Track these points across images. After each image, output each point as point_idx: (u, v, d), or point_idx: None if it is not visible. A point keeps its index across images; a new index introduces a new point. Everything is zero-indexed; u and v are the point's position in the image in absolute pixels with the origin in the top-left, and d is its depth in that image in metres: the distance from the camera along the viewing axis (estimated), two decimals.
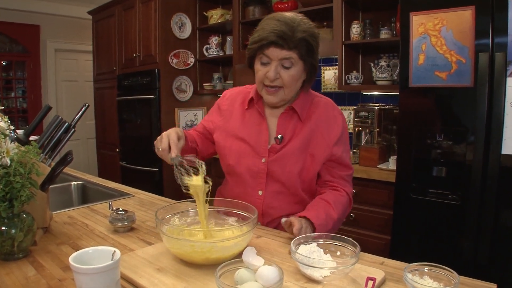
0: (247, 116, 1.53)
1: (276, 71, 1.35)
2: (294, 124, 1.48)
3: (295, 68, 1.36)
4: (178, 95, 4.35)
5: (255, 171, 1.47)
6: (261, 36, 1.34)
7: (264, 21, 1.38)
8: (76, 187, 2.30)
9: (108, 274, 0.87)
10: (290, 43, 1.31)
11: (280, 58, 1.34)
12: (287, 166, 1.44)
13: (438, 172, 2.23)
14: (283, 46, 1.31)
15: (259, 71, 1.40)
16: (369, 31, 3.11)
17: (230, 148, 1.52)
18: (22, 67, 5.83)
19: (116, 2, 4.72)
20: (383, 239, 2.62)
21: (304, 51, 1.34)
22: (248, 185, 1.49)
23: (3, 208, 1.10)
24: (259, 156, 1.47)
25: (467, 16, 2.05)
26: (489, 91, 2.01)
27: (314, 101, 1.52)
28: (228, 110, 1.59)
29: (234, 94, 1.62)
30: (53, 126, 1.52)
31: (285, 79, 1.36)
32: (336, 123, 1.49)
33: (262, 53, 1.36)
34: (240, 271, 0.94)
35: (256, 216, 1.15)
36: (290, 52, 1.32)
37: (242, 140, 1.51)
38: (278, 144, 1.46)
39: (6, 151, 1.10)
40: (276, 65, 1.35)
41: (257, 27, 1.40)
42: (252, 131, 1.50)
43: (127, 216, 1.44)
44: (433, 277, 0.95)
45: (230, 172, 1.55)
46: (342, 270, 0.99)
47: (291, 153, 1.44)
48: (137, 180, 4.36)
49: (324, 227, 1.32)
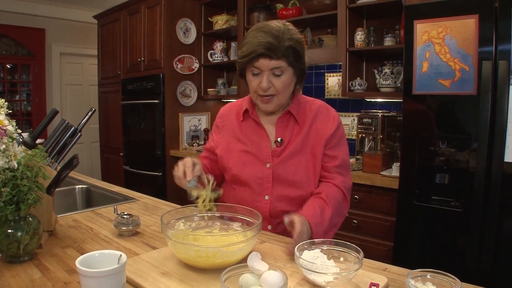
0: (244, 127, 1.59)
1: (268, 80, 1.40)
2: (292, 127, 1.53)
3: (285, 75, 1.41)
4: (182, 100, 4.37)
5: (260, 177, 1.50)
6: (249, 50, 1.38)
7: (250, 33, 1.41)
8: (81, 190, 2.31)
9: (115, 278, 0.88)
10: (278, 52, 1.35)
11: (271, 68, 1.38)
12: (292, 166, 1.49)
13: (441, 179, 2.23)
14: (271, 57, 1.36)
15: (251, 81, 1.44)
16: (373, 38, 3.12)
17: (233, 160, 1.56)
18: (27, 70, 5.87)
19: (121, 7, 4.76)
20: (386, 245, 2.62)
21: (292, 58, 1.39)
22: (254, 192, 1.51)
23: (10, 211, 1.10)
24: (263, 163, 1.51)
25: (470, 25, 2.06)
26: (492, 99, 2.01)
27: (308, 104, 1.58)
28: (224, 126, 1.65)
29: (226, 110, 1.69)
30: (59, 130, 1.53)
31: (277, 86, 1.41)
32: (330, 120, 1.54)
33: (252, 66, 1.40)
34: (245, 276, 0.94)
35: (260, 221, 1.16)
36: (279, 61, 1.37)
37: (243, 150, 1.55)
38: (279, 147, 1.51)
39: (13, 154, 1.11)
40: (268, 75, 1.39)
41: (243, 40, 1.44)
42: (253, 140, 1.55)
43: (131, 220, 1.45)
44: (436, 284, 0.95)
45: (235, 181, 1.57)
46: (346, 275, 1.00)
47: (293, 153, 1.49)
48: (141, 184, 4.38)
49: (320, 225, 1.34)
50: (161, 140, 4.30)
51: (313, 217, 1.33)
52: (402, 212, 2.42)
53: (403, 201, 2.40)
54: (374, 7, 3.00)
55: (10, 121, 1.20)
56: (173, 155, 4.25)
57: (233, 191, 1.59)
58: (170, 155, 4.27)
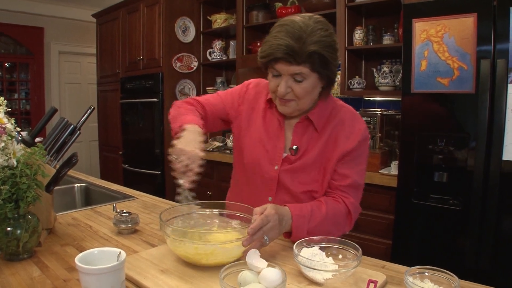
0: (268, 116, 1.45)
1: (287, 86, 1.25)
2: (310, 135, 1.38)
3: (308, 81, 1.25)
4: (181, 99, 4.35)
5: (266, 177, 1.41)
6: (267, 52, 1.24)
7: (274, 30, 1.25)
8: (80, 189, 2.31)
9: (114, 275, 0.88)
10: (298, 58, 1.19)
11: (290, 73, 1.23)
12: (298, 179, 1.37)
13: (440, 178, 2.23)
14: (291, 62, 1.20)
15: (270, 81, 1.31)
16: (372, 37, 3.13)
17: (248, 146, 1.46)
18: (25, 69, 5.86)
19: (120, 6, 4.76)
20: (385, 243, 2.62)
21: (317, 64, 1.21)
22: (258, 189, 1.43)
23: (9, 208, 1.11)
24: (272, 163, 1.40)
25: (469, 23, 2.06)
26: (491, 97, 2.02)
27: (334, 110, 1.41)
28: (252, 102, 1.49)
29: (262, 87, 1.50)
30: (58, 128, 1.54)
31: (297, 92, 1.26)
32: (353, 134, 1.36)
33: (271, 67, 1.27)
34: (244, 273, 0.95)
35: None
36: (300, 67, 1.21)
37: (260, 141, 1.43)
38: (293, 155, 1.38)
39: (12, 152, 1.12)
40: (287, 79, 1.25)
41: (267, 36, 1.28)
42: (271, 136, 1.42)
43: (130, 218, 1.45)
44: (434, 281, 0.95)
45: (242, 169, 1.50)
46: (344, 273, 1.00)
47: (304, 167, 1.37)
48: (139, 182, 4.38)
49: (302, 219, 1.24)
50: (160, 138, 4.30)
51: (299, 210, 1.25)
52: (401, 210, 2.42)
53: (402, 199, 2.41)
54: (373, 5, 3.01)
55: (9, 119, 1.20)
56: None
57: (238, 183, 1.54)
58: (168, 153, 4.25)
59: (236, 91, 1.54)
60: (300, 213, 1.24)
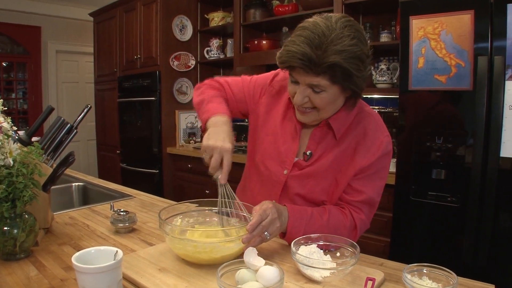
0: (288, 115, 1.34)
1: (304, 95, 1.14)
2: (328, 142, 1.28)
3: (327, 92, 1.12)
4: (179, 97, 4.36)
5: (274, 179, 1.34)
6: (283, 59, 1.11)
7: (295, 32, 1.11)
8: (77, 188, 2.30)
9: (111, 274, 0.88)
10: (316, 69, 1.06)
11: (307, 83, 1.12)
12: (307, 187, 1.29)
13: (438, 175, 2.23)
14: (308, 72, 1.08)
15: (289, 86, 1.20)
16: (369, 34, 3.12)
17: (261, 144, 1.39)
18: (23, 68, 5.85)
19: (117, 4, 4.75)
20: (383, 241, 2.63)
21: (338, 76, 1.08)
22: (266, 189, 1.37)
23: (6, 208, 1.10)
24: (282, 166, 1.32)
25: (466, 20, 2.06)
26: (488, 94, 2.02)
27: (358, 116, 1.28)
28: (274, 96, 1.40)
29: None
30: (55, 127, 1.53)
31: (316, 103, 1.15)
32: (373, 147, 1.24)
33: (290, 72, 1.16)
34: (241, 271, 0.94)
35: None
36: (318, 78, 1.08)
37: (274, 141, 1.35)
38: (306, 161, 1.29)
39: (9, 151, 1.11)
40: (304, 89, 1.13)
41: (290, 37, 1.13)
42: (286, 137, 1.33)
43: (128, 217, 1.45)
44: (432, 278, 0.96)
45: (252, 164, 1.44)
46: (342, 270, 1.00)
47: (315, 174, 1.28)
48: (137, 181, 4.38)
49: (299, 220, 1.19)
50: (158, 137, 4.29)
51: (297, 211, 1.20)
52: (399, 208, 2.43)
53: (400, 196, 2.41)
54: (370, 3, 3.01)
55: (6, 118, 1.19)
56: (169, 153, 4.25)
57: (251, 180, 1.48)
58: (166, 152, 4.26)
59: (261, 81, 1.44)
60: (299, 215, 1.20)
